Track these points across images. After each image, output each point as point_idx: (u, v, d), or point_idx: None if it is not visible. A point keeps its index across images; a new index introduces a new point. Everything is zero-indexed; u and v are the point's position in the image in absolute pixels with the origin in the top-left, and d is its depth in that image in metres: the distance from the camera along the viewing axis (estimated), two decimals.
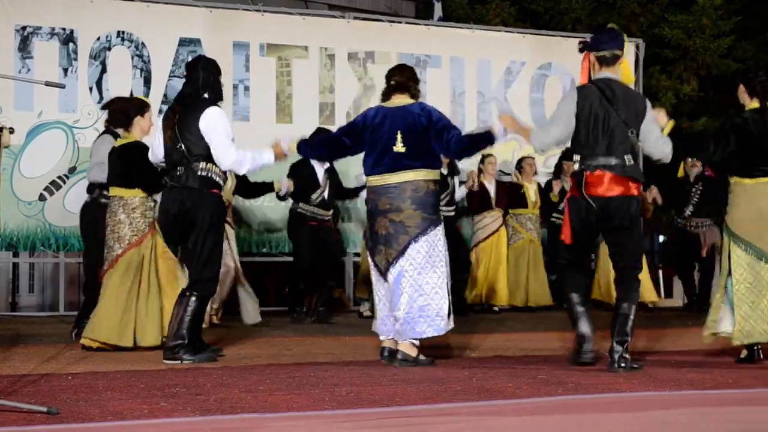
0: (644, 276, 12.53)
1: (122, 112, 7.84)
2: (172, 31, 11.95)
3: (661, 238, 24.37)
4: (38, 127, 11.31)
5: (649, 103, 6.75)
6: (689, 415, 5.07)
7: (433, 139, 6.80)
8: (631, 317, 6.49)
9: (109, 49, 11.66)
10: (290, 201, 10.63)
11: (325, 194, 10.54)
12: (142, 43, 11.79)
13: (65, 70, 11.44)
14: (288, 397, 5.13)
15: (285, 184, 10.27)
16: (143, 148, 7.60)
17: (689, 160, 12.07)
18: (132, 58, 11.74)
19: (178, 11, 12.17)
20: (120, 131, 8.03)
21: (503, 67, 13.67)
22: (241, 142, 8.00)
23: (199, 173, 6.92)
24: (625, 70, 6.90)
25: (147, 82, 11.75)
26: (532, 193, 12.50)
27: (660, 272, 16.86)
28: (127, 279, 7.56)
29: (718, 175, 11.26)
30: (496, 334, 9.15)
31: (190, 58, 11.73)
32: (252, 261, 12.32)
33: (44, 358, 6.93)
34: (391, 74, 7.08)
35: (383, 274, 6.78)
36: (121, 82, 11.64)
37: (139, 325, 7.57)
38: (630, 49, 14.38)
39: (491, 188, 12.07)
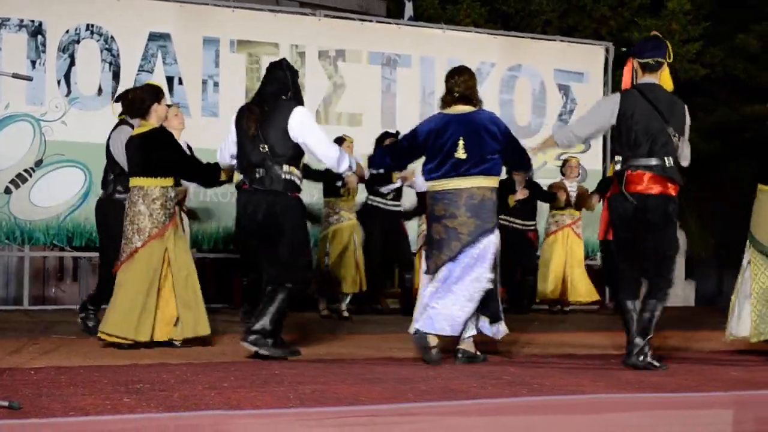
0: (584, 276, 12.59)
1: (139, 100, 7.55)
2: (142, 25, 11.89)
3: None
4: (5, 119, 11.25)
5: (687, 110, 7.01)
6: (652, 417, 5.10)
7: (503, 149, 6.95)
8: (657, 314, 6.73)
9: (78, 42, 11.60)
10: None
11: None
12: (112, 37, 11.72)
13: (33, 63, 11.37)
14: (252, 395, 5.12)
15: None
16: (171, 134, 7.56)
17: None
18: (101, 51, 11.67)
19: (149, 6, 12.11)
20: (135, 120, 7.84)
21: (473, 67, 13.48)
22: (210, 137, 8.03)
23: (283, 176, 6.86)
24: (666, 77, 7.07)
25: (116, 76, 11.69)
26: None
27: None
28: (147, 272, 7.33)
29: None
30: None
31: (159, 53, 11.84)
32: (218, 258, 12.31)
33: (7, 353, 6.87)
34: (453, 83, 7.10)
35: (432, 275, 6.88)
36: (90, 76, 11.59)
37: (158, 319, 7.39)
38: (599, 53, 14.48)
39: None
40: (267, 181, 6.84)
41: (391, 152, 7.53)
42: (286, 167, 6.88)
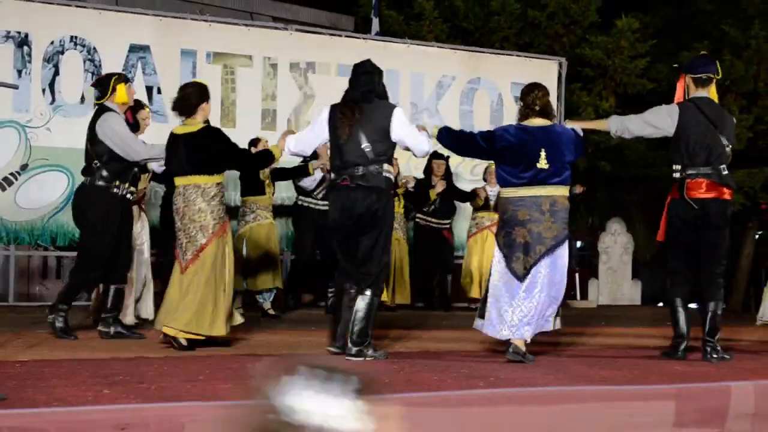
0: None
1: (185, 99, 7.21)
2: (123, 37, 11.84)
3: (579, 243, 24.62)
4: None
5: (734, 120, 7.37)
6: (600, 408, 5.14)
7: (570, 153, 7.01)
8: (719, 313, 7.08)
9: (62, 52, 11.54)
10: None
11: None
12: (94, 48, 11.67)
13: (19, 72, 11.29)
14: (226, 387, 5.11)
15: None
16: (220, 129, 7.39)
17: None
18: (84, 62, 11.62)
19: (129, 19, 12.11)
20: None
21: (435, 80, 13.74)
22: None
23: (384, 174, 6.75)
24: (714, 92, 7.38)
25: None
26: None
27: (576, 275, 17.04)
28: (214, 267, 7.03)
29: None
30: (395, 330, 9.14)
31: (139, 64, 11.80)
32: None
33: None
34: (533, 98, 7.07)
35: (520, 279, 6.82)
36: (73, 85, 11.53)
37: (221, 314, 7.08)
38: (553, 67, 14.55)
39: None
40: (369, 178, 6.68)
41: (464, 143, 7.30)
42: (386, 165, 6.76)
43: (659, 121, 7.26)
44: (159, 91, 11.90)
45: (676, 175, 7.19)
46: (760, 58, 15.80)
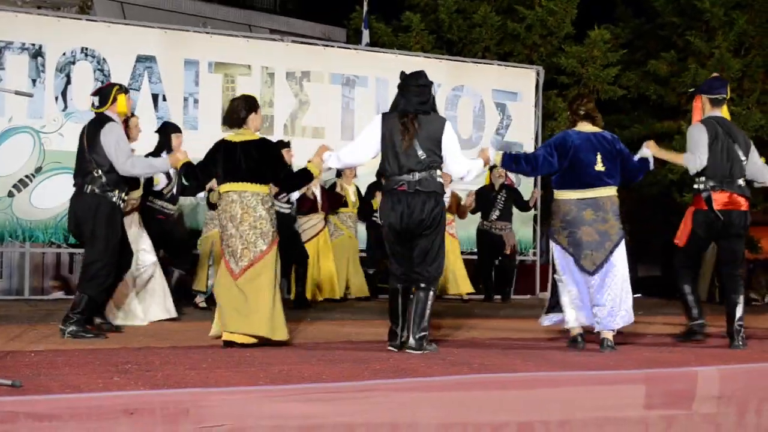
0: (461, 269, 12.48)
1: (234, 112, 6.93)
2: (130, 48, 11.81)
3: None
4: (8, 131, 11.14)
5: (746, 136, 7.61)
6: (576, 392, 5.15)
7: (622, 162, 7.05)
8: (740, 305, 7.31)
9: (74, 63, 11.52)
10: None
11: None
12: (104, 59, 11.65)
13: (34, 81, 11.26)
14: (227, 374, 5.11)
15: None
16: (275, 144, 7.16)
17: (495, 170, 12.14)
18: (94, 71, 11.59)
19: (136, 31, 12.10)
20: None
21: None
22: (191, 148, 7.94)
23: (438, 180, 6.64)
24: (726, 110, 7.62)
25: None
26: (351, 194, 12.03)
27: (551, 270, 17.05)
28: (273, 274, 6.74)
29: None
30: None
31: (146, 73, 11.78)
32: None
33: (10, 337, 6.80)
34: (577, 106, 7.15)
35: (591, 274, 6.87)
36: (84, 93, 11.40)
37: (282, 318, 6.81)
38: (531, 76, 14.56)
39: (317, 193, 11.45)
40: (426, 184, 6.54)
41: (538, 165, 7.17)
42: (438, 172, 6.65)
43: (703, 138, 7.32)
44: (164, 99, 11.89)
45: (700, 186, 7.37)
46: (722, 67, 15.82)
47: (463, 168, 6.87)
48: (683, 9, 16.59)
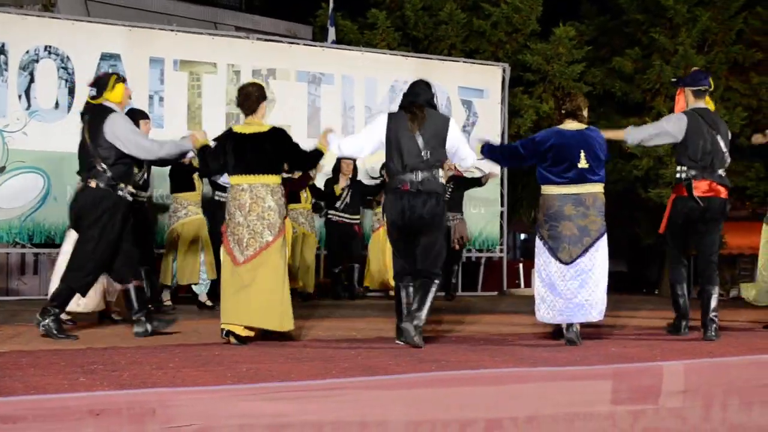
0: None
1: (251, 96, 7.06)
2: (95, 46, 11.73)
3: (522, 236, 24.79)
4: None
5: (727, 126, 7.87)
6: (544, 388, 5.17)
7: (603, 153, 7.24)
8: (715, 296, 7.56)
9: (37, 61, 11.42)
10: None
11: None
12: (67, 57, 11.56)
13: None
14: (194, 374, 5.07)
15: None
16: (285, 130, 7.16)
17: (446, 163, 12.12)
18: (58, 70, 11.50)
19: (100, 29, 11.99)
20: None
21: (388, 85, 13.74)
22: None
23: (440, 180, 6.78)
24: (709, 101, 7.90)
25: (71, 92, 11.53)
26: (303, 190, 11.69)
27: (521, 265, 17.13)
28: (279, 264, 6.78)
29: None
30: (335, 319, 9.12)
31: (110, 71, 11.66)
32: None
33: None
34: (564, 103, 7.37)
35: (566, 264, 7.06)
36: (48, 91, 11.42)
37: (288, 309, 6.85)
38: (497, 73, 14.60)
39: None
40: (427, 184, 6.69)
41: (506, 154, 7.63)
42: (441, 172, 6.82)
43: (672, 128, 7.63)
44: (129, 97, 11.74)
45: (682, 176, 7.64)
46: (686, 63, 15.91)
47: (473, 157, 7.12)
48: (647, 6, 16.67)
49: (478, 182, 12.41)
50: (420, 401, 4.80)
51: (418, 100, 6.86)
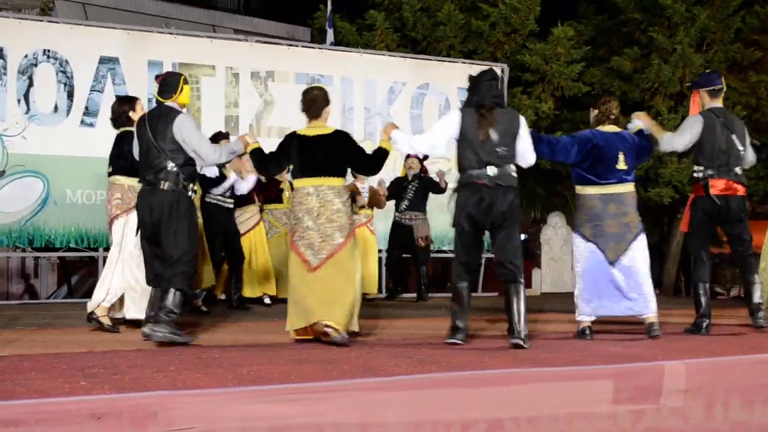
0: (370, 267, 11.90)
1: (315, 101, 6.99)
2: (93, 50, 11.73)
3: (523, 236, 24.73)
4: None
5: (744, 125, 8.04)
6: (545, 388, 5.17)
7: (638, 150, 7.58)
8: (757, 284, 7.89)
9: (36, 65, 11.42)
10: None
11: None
12: (66, 61, 11.56)
13: None
14: (195, 376, 5.07)
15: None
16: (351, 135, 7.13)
17: (407, 160, 12.08)
18: (56, 73, 11.50)
19: (99, 32, 11.99)
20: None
21: (387, 86, 13.74)
22: None
23: (514, 175, 6.82)
24: (721, 101, 8.02)
25: (70, 95, 11.53)
26: (288, 189, 11.27)
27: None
28: (350, 266, 6.84)
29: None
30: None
31: (109, 75, 11.69)
32: None
33: None
34: (608, 107, 7.61)
35: (612, 264, 7.38)
36: (47, 95, 11.42)
37: (356, 311, 6.94)
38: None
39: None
40: (505, 179, 6.74)
41: (556, 149, 7.59)
42: (514, 167, 6.86)
43: (694, 131, 7.80)
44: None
45: (699, 175, 7.87)
46: (685, 62, 15.93)
47: (534, 154, 7.16)
48: (645, 5, 16.68)
49: (439, 188, 12.06)
50: (421, 402, 4.80)
51: (485, 101, 6.82)
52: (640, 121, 7.72)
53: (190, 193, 6.92)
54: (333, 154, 6.91)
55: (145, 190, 6.91)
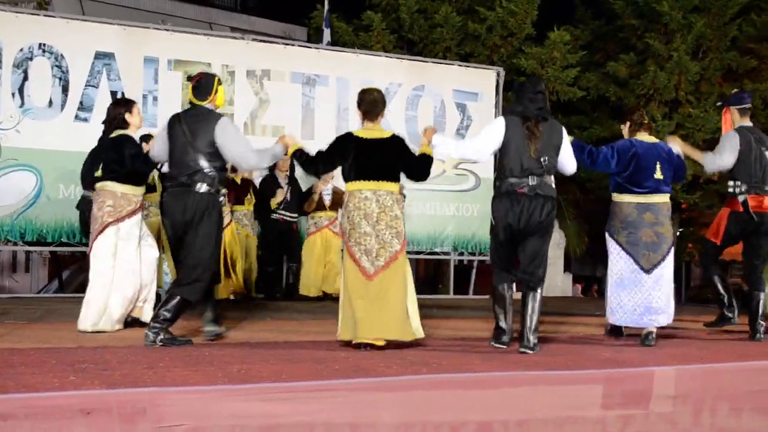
0: (333, 270, 11.86)
1: (375, 103, 6.85)
2: (89, 45, 11.70)
3: None
4: None
5: None
6: (535, 392, 5.17)
7: (673, 176, 7.74)
8: (762, 300, 8.08)
9: (31, 59, 11.39)
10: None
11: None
12: (61, 55, 11.53)
13: None
14: (185, 374, 5.07)
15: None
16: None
17: None
18: (52, 68, 11.47)
19: (95, 27, 11.95)
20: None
21: (382, 87, 13.55)
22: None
23: (553, 185, 6.83)
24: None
25: (65, 90, 11.50)
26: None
27: None
28: (406, 272, 6.77)
29: None
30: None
31: (104, 70, 11.67)
32: None
33: None
34: (639, 116, 7.77)
35: (647, 272, 7.48)
36: (42, 90, 11.39)
37: (416, 317, 6.86)
38: (491, 76, 14.61)
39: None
40: (544, 189, 6.72)
41: (597, 159, 7.65)
42: (552, 177, 6.85)
43: (734, 149, 8.01)
44: (123, 96, 11.77)
45: (735, 190, 8.10)
46: (680, 69, 15.99)
47: (575, 162, 7.20)
48: (642, 11, 16.74)
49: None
50: (411, 404, 4.81)
51: (529, 114, 6.79)
52: (674, 144, 7.79)
53: (221, 198, 6.81)
54: (390, 159, 6.80)
55: (178, 191, 6.73)
